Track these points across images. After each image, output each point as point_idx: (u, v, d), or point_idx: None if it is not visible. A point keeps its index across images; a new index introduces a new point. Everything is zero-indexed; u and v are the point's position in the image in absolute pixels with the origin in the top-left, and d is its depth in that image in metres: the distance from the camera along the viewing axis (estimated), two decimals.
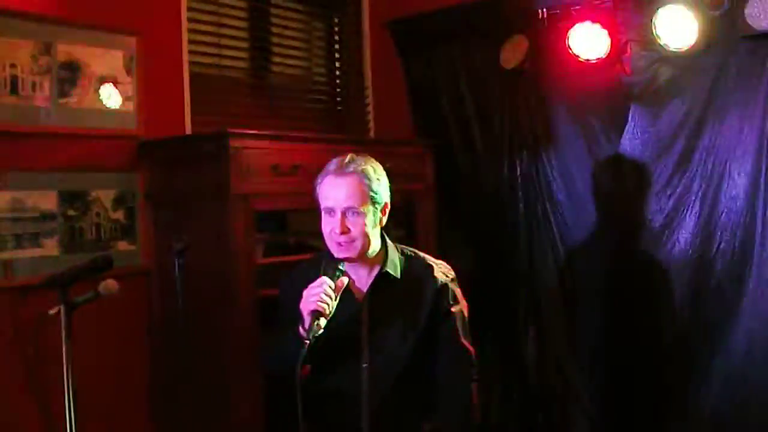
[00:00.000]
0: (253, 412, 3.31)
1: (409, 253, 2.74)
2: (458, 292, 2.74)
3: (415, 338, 2.63)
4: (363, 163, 2.57)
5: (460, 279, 2.73)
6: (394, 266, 2.66)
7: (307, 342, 2.34)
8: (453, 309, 2.70)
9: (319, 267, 2.59)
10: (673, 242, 3.73)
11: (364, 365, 2.57)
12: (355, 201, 2.51)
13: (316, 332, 2.35)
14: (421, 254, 2.77)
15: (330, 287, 2.42)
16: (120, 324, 3.50)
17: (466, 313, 2.74)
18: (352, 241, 2.53)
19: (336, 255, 2.54)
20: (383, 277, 2.62)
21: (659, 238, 3.76)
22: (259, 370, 2.93)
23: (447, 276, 2.73)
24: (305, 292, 2.42)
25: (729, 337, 3.60)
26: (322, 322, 2.36)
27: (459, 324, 2.70)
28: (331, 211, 2.53)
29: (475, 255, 4.46)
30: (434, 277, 2.68)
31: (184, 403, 3.43)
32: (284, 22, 4.49)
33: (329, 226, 2.53)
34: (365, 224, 2.53)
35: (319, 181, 2.60)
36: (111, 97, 3.52)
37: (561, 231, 4.19)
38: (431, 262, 2.74)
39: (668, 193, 3.73)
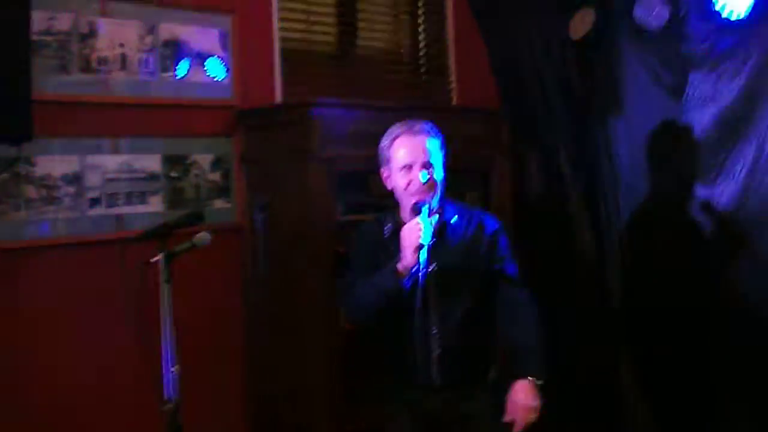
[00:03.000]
0: (329, 359, 3.59)
1: (459, 204, 3.10)
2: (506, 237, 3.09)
3: (477, 281, 2.97)
4: (427, 124, 2.96)
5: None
6: (452, 215, 3.00)
7: (424, 271, 2.70)
8: (506, 252, 3.05)
9: (383, 223, 3.00)
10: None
11: (432, 308, 2.85)
12: (430, 155, 2.90)
13: (422, 264, 2.71)
14: (470, 205, 3.17)
15: (425, 224, 2.76)
16: (216, 275, 3.88)
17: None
18: (433, 185, 2.89)
19: (416, 200, 2.87)
20: (444, 225, 2.96)
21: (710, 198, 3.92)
22: (347, 316, 3.19)
23: (496, 223, 3.08)
24: (403, 233, 2.78)
25: None
26: (423, 254, 2.71)
27: (510, 262, 3.05)
28: (409, 166, 2.89)
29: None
30: (487, 225, 3.04)
31: (272, 350, 3.80)
32: None
33: (406, 180, 2.89)
34: (438, 175, 2.91)
35: (387, 144, 2.97)
36: (208, 71, 3.90)
37: (624, 197, 4.36)
38: (483, 213, 3.11)
39: (722, 157, 3.85)
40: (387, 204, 3.59)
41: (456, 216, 3.01)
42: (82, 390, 3.48)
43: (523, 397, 2.78)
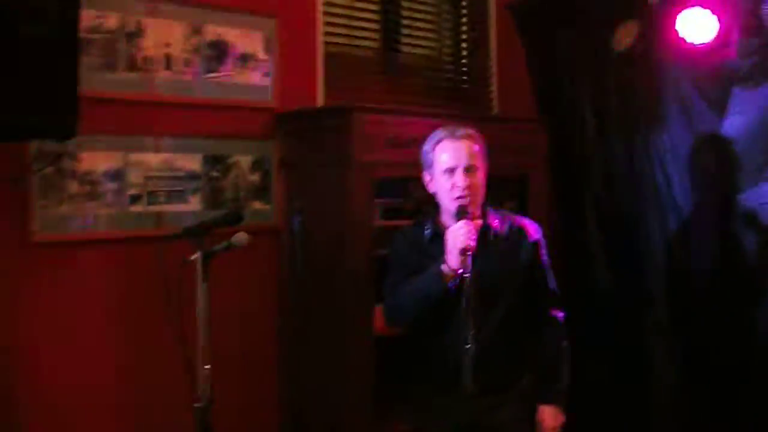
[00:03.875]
0: (362, 364, 3.60)
1: (500, 211, 3.12)
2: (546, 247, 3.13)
3: (516, 288, 3.00)
4: (470, 130, 3.00)
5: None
6: (494, 221, 3.03)
7: (467, 275, 2.72)
8: (545, 262, 3.10)
9: (423, 227, 3.02)
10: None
11: (469, 314, 2.80)
12: (472, 159, 2.93)
13: (468, 267, 2.73)
14: (512, 213, 3.16)
15: (469, 228, 2.79)
16: (253, 276, 3.90)
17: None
18: (475, 191, 2.92)
19: (459, 204, 2.90)
20: (486, 230, 2.98)
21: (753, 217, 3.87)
22: (388, 320, 3.17)
23: (538, 232, 3.10)
24: (449, 235, 2.80)
25: None
26: (469, 258, 2.74)
27: (549, 274, 3.10)
28: (452, 170, 2.92)
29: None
30: (529, 233, 3.07)
31: (305, 354, 3.81)
32: (414, 5, 4.79)
33: (449, 183, 2.92)
34: (480, 179, 2.95)
35: (429, 148, 3.00)
36: (251, 73, 3.93)
37: (672, 210, 4.28)
38: (524, 219, 3.13)
39: (765, 175, 3.81)
40: (425, 210, 3.62)
41: (498, 222, 3.03)
42: (117, 384, 3.52)
43: (547, 418, 3.01)
